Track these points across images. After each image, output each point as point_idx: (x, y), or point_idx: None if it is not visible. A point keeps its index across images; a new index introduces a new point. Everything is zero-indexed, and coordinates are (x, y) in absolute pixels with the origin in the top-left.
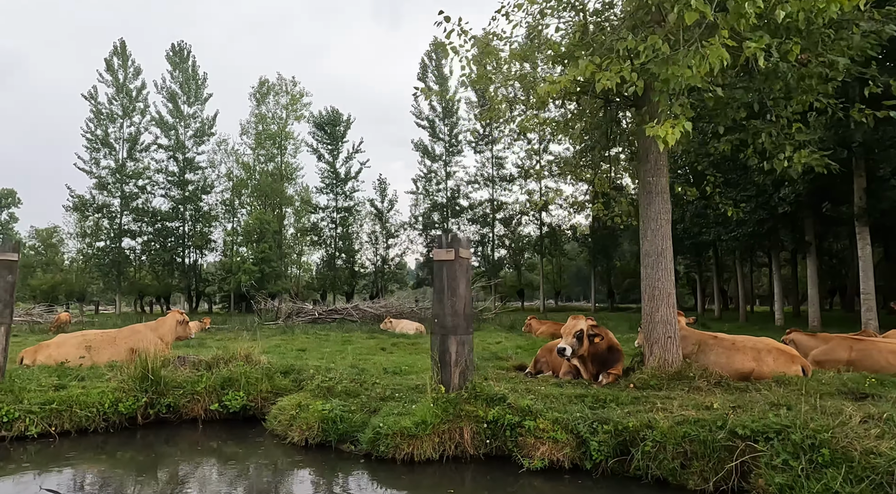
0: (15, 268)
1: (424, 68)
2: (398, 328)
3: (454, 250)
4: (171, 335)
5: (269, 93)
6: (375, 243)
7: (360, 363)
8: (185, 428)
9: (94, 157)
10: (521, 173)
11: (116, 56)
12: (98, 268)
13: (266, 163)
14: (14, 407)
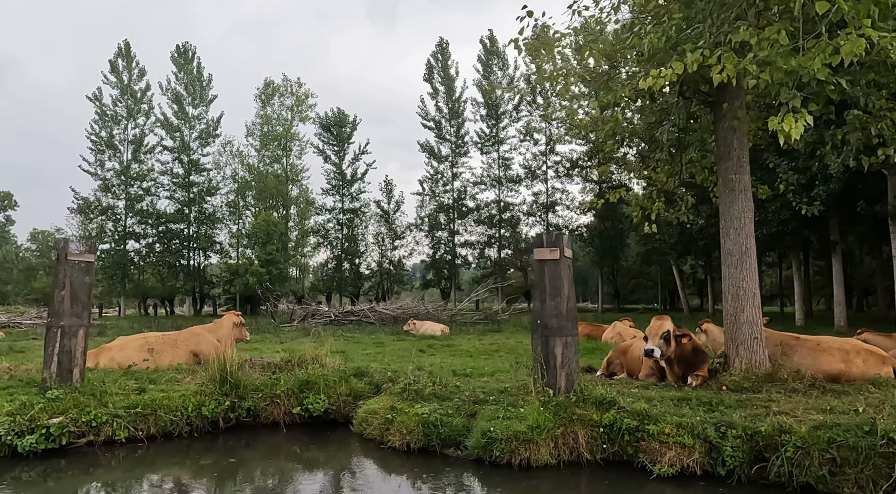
0: (91, 269)
1: (431, 69)
2: (422, 329)
3: (559, 249)
4: (228, 337)
5: (275, 94)
6: (381, 245)
7: (415, 365)
8: (265, 432)
9: (99, 158)
10: (528, 174)
11: (121, 58)
12: (102, 271)
13: (271, 164)
14: (101, 411)
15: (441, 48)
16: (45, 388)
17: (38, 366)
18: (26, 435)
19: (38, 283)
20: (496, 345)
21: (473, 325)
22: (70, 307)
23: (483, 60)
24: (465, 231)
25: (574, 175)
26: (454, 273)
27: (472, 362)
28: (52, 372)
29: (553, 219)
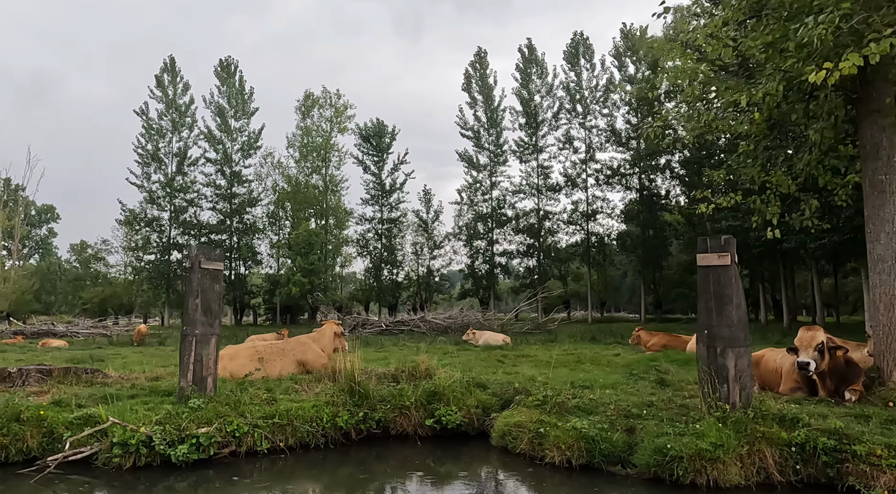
0: (220, 277)
1: (468, 79)
2: (481, 339)
3: (729, 255)
4: (329, 346)
5: (314, 106)
6: (420, 255)
7: (513, 376)
8: (395, 444)
9: (146, 171)
10: (568, 182)
11: (166, 72)
12: (148, 281)
13: (311, 175)
14: (242, 421)
15: (479, 58)
16: (183, 397)
17: (146, 374)
18: (178, 445)
19: (86, 293)
20: (574, 356)
21: (525, 335)
22: (202, 316)
23: (521, 69)
24: (504, 240)
25: (614, 183)
26: (493, 283)
27: (569, 373)
28: (188, 381)
29: (594, 227)
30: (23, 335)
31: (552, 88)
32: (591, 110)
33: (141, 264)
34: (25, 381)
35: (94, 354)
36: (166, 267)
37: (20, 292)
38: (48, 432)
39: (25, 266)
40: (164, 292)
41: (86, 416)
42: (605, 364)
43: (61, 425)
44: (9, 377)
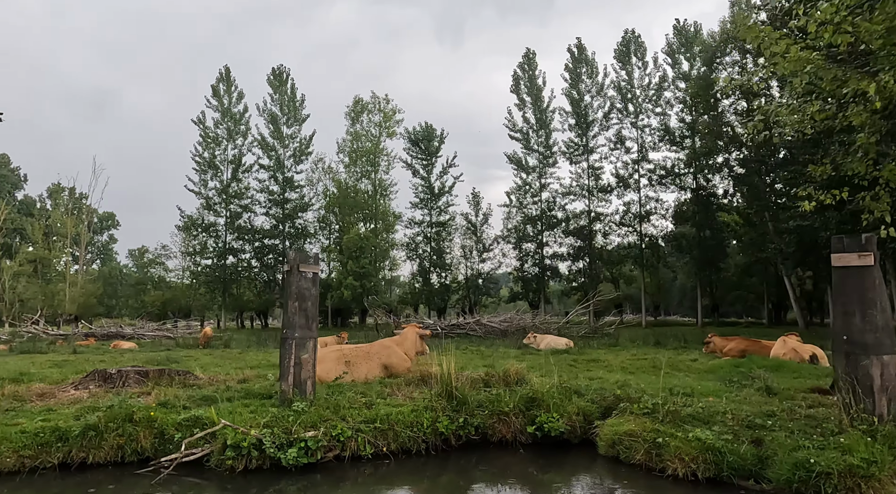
0: (317, 281)
1: (517, 80)
2: (543, 343)
3: (871, 254)
4: (412, 350)
5: (363, 111)
6: (469, 258)
7: (598, 382)
8: (494, 451)
9: (203, 178)
10: (620, 183)
11: (222, 82)
12: (206, 285)
13: (361, 179)
14: (344, 425)
15: (527, 59)
16: (285, 400)
17: (234, 376)
18: (287, 448)
19: (148, 297)
20: (648, 360)
21: (585, 338)
22: (301, 319)
23: (571, 69)
24: (555, 242)
25: (668, 183)
26: (543, 286)
27: (656, 379)
28: (289, 384)
29: (647, 229)
30: (94, 337)
31: (602, 88)
32: (644, 109)
33: (198, 269)
34: (125, 382)
35: (169, 356)
36: (222, 271)
37: (87, 296)
38: (159, 433)
39: (89, 271)
40: (221, 295)
41: (193, 418)
42: (686, 370)
43: (171, 426)
44: (109, 377)
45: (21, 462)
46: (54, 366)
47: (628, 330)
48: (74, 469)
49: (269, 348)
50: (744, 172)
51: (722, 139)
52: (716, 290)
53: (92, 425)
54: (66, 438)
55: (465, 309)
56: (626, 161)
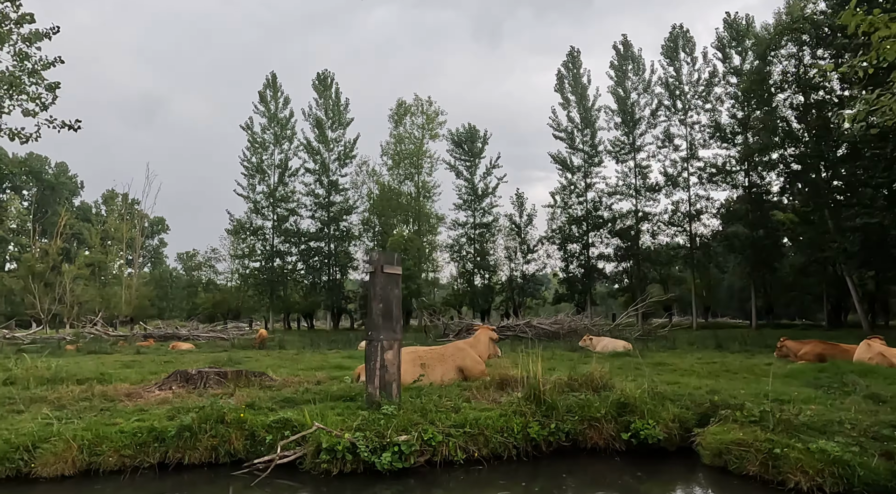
0: (400, 282)
1: (561, 79)
2: (600, 345)
3: None
4: (484, 353)
5: (406, 114)
6: (513, 259)
7: (676, 387)
8: (584, 459)
9: (251, 183)
10: (669, 182)
11: (269, 88)
12: (254, 287)
13: (404, 181)
14: (434, 429)
15: (571, 58)
16: (373, 403)
17: (305, 377)
18: (381, 452)
19: (199, 299)
20: (718, 364)
21: (640, 341)
22: (386, 321)
23: (616, 66)
24: (601, 243)
25: (719, 181)
26: (589, 287)
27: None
28: (376, 387)
29: (696, 228)
30: (153, 338)
31: (649, 85)
32: (693, 106)
33: (247, 272)
34: (206, 383)
35: (231, 357)
36: (270, 274)
37: (141, 298)
38: (250, 434)
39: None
40: (268, 297)
41: (283, 420)
42: (763, 374)
43: (261, 428)
44: (190, 378)
45: (122, 462)
46: (125, 366)
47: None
48: (172, 469)
49: (322, 349)
50: (801, 169)
51: (777, 134)
52: (770, 291)
53: (187, 425)
54: (163, 438)
55: (508, 311)
56: (675, 159)
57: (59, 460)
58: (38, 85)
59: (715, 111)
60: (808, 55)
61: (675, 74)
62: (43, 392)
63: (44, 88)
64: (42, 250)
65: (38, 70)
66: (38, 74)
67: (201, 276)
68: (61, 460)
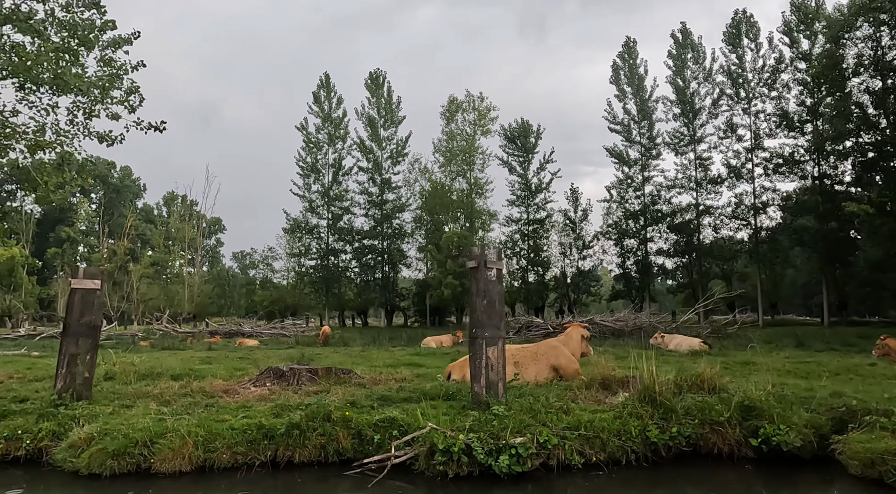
0: (501, 276)
1: (617, 70)
2: (672, 343)
3: None
4: (577, 351)
5: (458, 110)
6: (568, 255)
7: (787, 388)
8: (705, 465)
9: (306, 182)
10: (731, 173)
11: (322, 89)
12: (310, 285)
13: (456, 178)
14: (549, 431)
15: (627, 48)
16: (480, 403)
17: (388, 375)
18: (498, 455)
19: (257, 297)
20: (813, 363)
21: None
22: (489, 318)
23: (674, 55)
24: (660, 238)
25: (786, 172)
26: (648, 283)
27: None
28: (482, 386)
29: (762, 221)
30: (219, 335)
31: (710, 74)
32: (757, 94)
33: (302, 270)
34: (299, 380)
35: (304, 353)
36: (325, 272)
37: (203, 296)
38: (356, 433)
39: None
40: (324, 295)
41: (389, 419)
42: (871, 375)
43: (367, 427)
44: (283, 375)
45: (234, 459)
46: (204, 362)
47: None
48: (283, 467)
49: (386, 346)
50: (877, 157)
51: (851, 121)
52: (842, 287)
53: (296, 423)
54: (272, 436)
55: (562, 308)
56: (738, 150)
57: (177, 456)
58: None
59: (781, 99)
60: (886, 37)
61: (738, 62)
62: (143, 388)
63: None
64: (110, 250)
65: (121, 75)
66: (119, 79)
67: (257, 274)
68: (178, 456)
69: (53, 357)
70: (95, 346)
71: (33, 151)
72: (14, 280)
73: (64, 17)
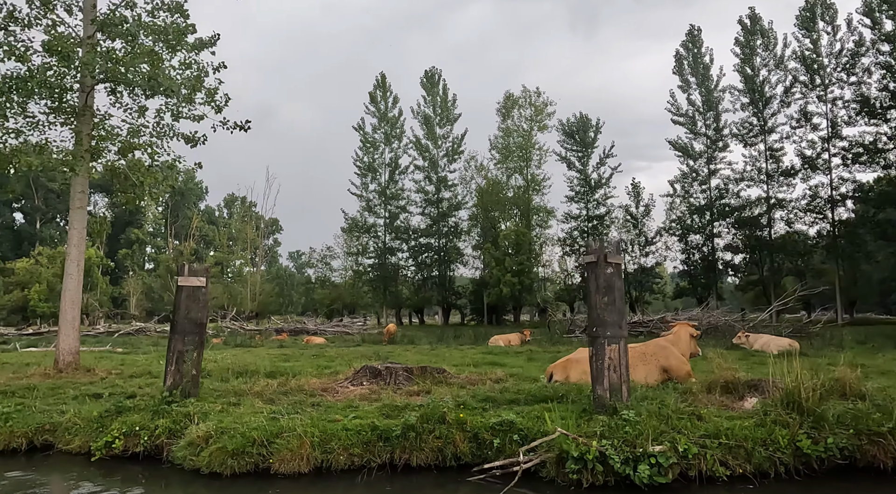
0: (621, 272)
1: (680, 60)
2: (758, 343)
3: None
4: (686, 351)
5: (514, 106)
6: (629, 252)
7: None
8: (869, 481)
9: (364, 182)
10: (806, 165)
11: (378, 89)
12: (368, 283)
13: (513, 175)
14: (687, 439)
15: (692, 37)
16: (604, 407)
17: (481, 374)
18: (636, 463)
19: (317, 295)
20: None
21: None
22: (611, 316)
23: (742, 42)
24: (727, 233)
25: (867, 162)
26: (715, 280)
27: None
28: (605, 389)
29: (841, 214)
30: (286, 333)
31: (782, 60)
32: (834, 80)
33: (360, 268)
34: (396, 379)
35: (378, 351)
36: (383, 270)
37: (265, 295)
38: (472, 436)
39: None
40: (382, 293)
41: (507, 422)
42: None
43: (483, 429)
44: (379, 374)
45: (350, 461)
46: (283, 360)
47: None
48: (400, 470)
49: (453, 344)
50: None
51: None
52: None
53: (412, 425)
54: (387, 438)
55: None
56: (813, 140)
57: (295, 456)
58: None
59: (862, 84)
60: None
61: (813, 47)
62: (240, 385)
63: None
64: (177, 251)
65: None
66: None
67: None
68: (297, 456)
69: (137, 354)
70: (202, 343)
71: (126, 152)
72: (90, 280)
73: (150, 22)
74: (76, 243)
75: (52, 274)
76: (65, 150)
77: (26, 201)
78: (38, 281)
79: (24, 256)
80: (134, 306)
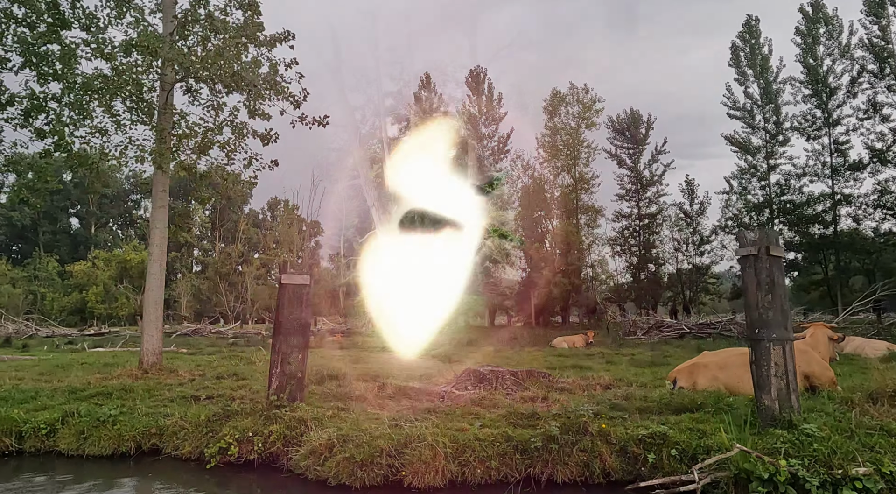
0: (782, 267)
1: (736, 51)
2: (849, 347)
3: None
4: (825, 356)
5: (561, 104)
6: (684, 251)
7: None
8: None
9: None
10: (876, 158)
11: (423, 89)
12: None
13: (560, 173)
14: (890, 460)
15: (748, 27)
16: (774, 419)
17: (587, 379)
18: (834, 489)
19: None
20: None
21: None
22: (775, 315)
23: (803, 31)
24: (790, 231)
25: None
26: None
27: None
28: (774, 399)
29: None
30: (340, 333)
31: (848, 49)
32: None
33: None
34: (503, 384)
35: (446, 353)
36: None
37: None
38: (619, 449)
39: None
40: None
41: (660, 434)
42: None
43: (632, 442)
44: (484, 377)
45: (488, 474)
46: (353, 361)
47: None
48: (544, 486)
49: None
50: None
51: None
52: None
53: (553, 436)
54: (524, 449)
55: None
56: (883, 131)
57: (430, 468)
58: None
59: None
60: None
61: (882, 33)
62: (336, 389)
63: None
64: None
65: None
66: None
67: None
68: (431, 469)
69: (202, 355)
70: (306, 344)
71: (204, 150)
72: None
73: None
74: (158, 242)
75: (108, 276)
76: (147, 148)
77: (81, 206)
78: (94, 284)
79: (80, 259)
80: (184, 307)
